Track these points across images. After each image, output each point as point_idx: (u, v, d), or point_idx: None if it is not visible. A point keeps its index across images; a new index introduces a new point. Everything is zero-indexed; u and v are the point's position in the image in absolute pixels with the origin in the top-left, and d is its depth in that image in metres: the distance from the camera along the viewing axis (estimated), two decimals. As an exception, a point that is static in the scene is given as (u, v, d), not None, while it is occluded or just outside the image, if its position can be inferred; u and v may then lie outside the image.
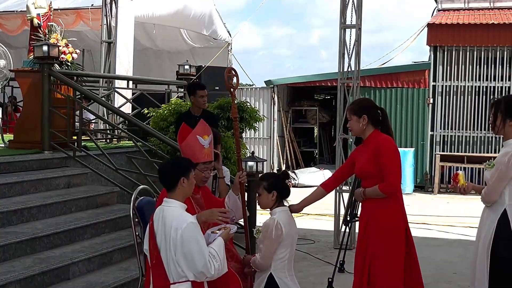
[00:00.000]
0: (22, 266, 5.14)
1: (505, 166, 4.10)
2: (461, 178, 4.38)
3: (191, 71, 10.20)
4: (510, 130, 4.22)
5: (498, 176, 4.11)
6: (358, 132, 4.85)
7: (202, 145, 4.54)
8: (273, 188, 4.42)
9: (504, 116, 4.21)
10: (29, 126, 7.62)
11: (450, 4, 15.85)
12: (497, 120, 4.24)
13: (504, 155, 4.13)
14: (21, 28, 13.44)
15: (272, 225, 4.29)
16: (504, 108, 4.21)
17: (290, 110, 17.08)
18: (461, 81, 14.53)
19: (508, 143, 4.23)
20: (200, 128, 4.61)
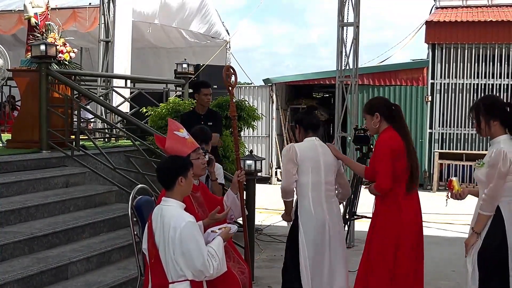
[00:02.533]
0: (21, 265, 5.13)
1: (502, 164, 4.10)
2: (455, 184, 4.39)
3: (190, 69, 10.18)
4: (496, 129, 4.24)
5: (498, 175, 4.11)
6: (373, 130, 4.98)
7: (183, 137, 4.61)
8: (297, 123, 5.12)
9: (486, 117, 4.24)
10: (27, 125, 7.61)
11: (448, 1, 15.86)
12: (481, 123, 4.28)
13: (497, 153, 4.13)
14: (16, 27, 13.41)
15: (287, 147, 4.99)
16: (484, 110, 4.25)
17: (289, 109, 17.07)
18: (459, 78, 14.54)
19: (495, 141, 4.25)
20: (172, 125, 4.72)
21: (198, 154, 4.63)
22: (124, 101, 10.05)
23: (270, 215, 10.73)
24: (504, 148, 4.13)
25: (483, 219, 4.19)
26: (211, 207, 4.61)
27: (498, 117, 4.22)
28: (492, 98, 4.48)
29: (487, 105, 4.28)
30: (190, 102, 8.86)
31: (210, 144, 5.73)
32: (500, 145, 4.17)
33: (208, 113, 7.51)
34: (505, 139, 4.21)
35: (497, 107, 4.26)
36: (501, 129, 4.23)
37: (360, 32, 8.83)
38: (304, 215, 5.03)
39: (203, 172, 4.79)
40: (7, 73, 8.72)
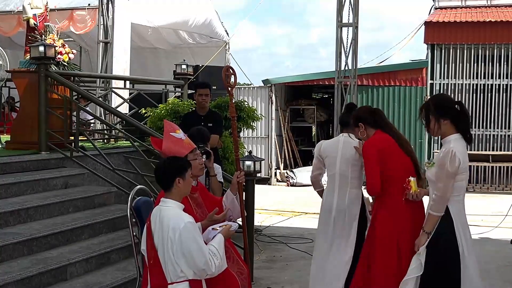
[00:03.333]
0: (20, 267, 5.12)
1: (450, 164, 4.09)
2: (413, 184, 4.39)
3: (189, 70, 10.18)
4: (446, 128, 4.22)
5: (446, 176, 4.11)
6: (365, 140, 4.99)
7: (180, 138, 4.61)
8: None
9: (436, 117, 4.22)
10: (26, 126, 7.60)
11: (447, 2, 15.86)
12: (430, 123, 4.26)
13: (445, 154, 4.12)
14: (16, 29, 13.40)
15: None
16: (434, 109, 4.24)
17: (288, 109, 17.06)
18: (458, 79, 14.54)
19: (446, 141, 4.24)
20: (168, 126, 4.72)
21: (195, 155, 4.63)
22: (123, 102, 10.05)
23: (269, 216, 10.73)
24: (453, 147, 4.12)
25: (433, 219, 4.17)
26: (210, 207, 4.61)
27: (448, 116, 4.20)
28: (442, 96, 4.51)
29: (436, 104, 4.26)
30: (189, 103, 8.86)
31: (208, 145, 5.74)
32: (450, 145, 4.16)
33: (208, 114, 7.51)
34: (456, 138, 4.20)
35: (447, 105, 4.24)
36: (451, 128, 4.21)
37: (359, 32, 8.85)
38: (321, 206, 5.44)
39: (201, 173, 4.79)
40: (6, 74, 8.72)
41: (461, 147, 4.17)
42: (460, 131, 4.22)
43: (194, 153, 4.61)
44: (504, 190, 13.92)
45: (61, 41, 8.03)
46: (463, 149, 4.18)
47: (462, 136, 4.22)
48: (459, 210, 4.21)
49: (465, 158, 4.17)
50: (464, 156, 4.15)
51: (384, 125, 4.94)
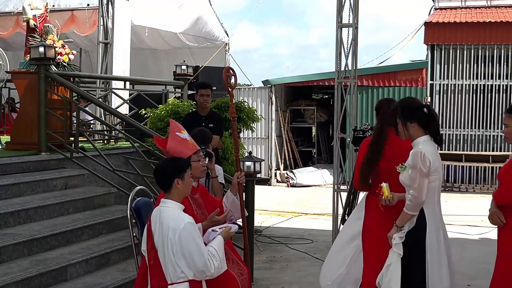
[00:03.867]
0: (19, 268, 5.13)
1: (422, 164, 4.14)
2: (385, 190, 4.40)
3: (188, 71, 10.18)
4: (413, 131, 4.29)
5: (420, 175, 4.15)
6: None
7: (185, 139, 4.61)
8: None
9: (403, 120, 4.29)
10: (26, 127, 7.60)
11: (447, 2, 15.85)
12: (398, 125, 4.34)
13: (415, 155, 4.19)
14: (13, 30, 13.40)
15: None
16: (401, 112, 4.30)
17: (288, 110, 17.07)
18: (458, 79, 14.54)
19: (415, 143, 4.30)
20: (174, 126, 4.72)
21: (199, 157, 4.63)
22: (123, 102, 10.05)
23: (269, 217, 10.73)
24: (422, 149, 4.18)
25: (406, 216, 4.25)
26: (210, 208, 4.61)
27: (416, 118, 4.26)
28: (409, 100, 4.51)
29: (403, 107, 4.33)
30: (189, 103, 8.86)
31: (210, 146, 5.74)
32: (419, 146, 4.22)
33: (209, 114, 7.50)
34: (425, 140, 4.26)
35: (414, 108, 4.31)
36: (420, 131, 4.28)
37: (359, 33, 8.83)
38: None
39: (202, 175, 4.80)
40: (6, 75, 8.72)
41: (431, 148, 4.24)
42: (430, 134, 4.28)
43: (197, 155, 4.61)
44: (504, 191, 13.90)
45: (61, 42, 8.03)
46: (432, 150, 4.25)
47: (431, 138, 4.29)
48: (433, 212, 4.28)
49: (436, 159, 4.22)
50: (434, 157, 4.21)
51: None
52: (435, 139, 4.29)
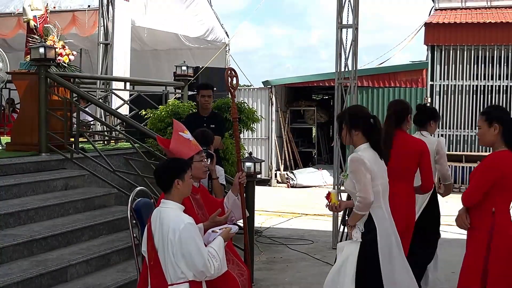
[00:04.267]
0: (20, 268, 5.13)
1: (360, 166, 4.20)
2: (333, 197, 4.44)
3: (189, 72, 10.17)
4: (356, 139, 4.36)
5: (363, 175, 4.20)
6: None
7: (188, 139, 4.62)
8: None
9: (349, 127, 4.35)
10: (26, 128, 7.60)
11: (447, 3, 15.86)
12: (342, 131, 4.40)
13: (351, 159, 4.26)
14: (16, 31, 13.41)
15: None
16: (348, 119, 4.35)
17: (288, 111, 17.07)
18: (458, 80, 14.55)
19: (356, 150, 4.36)
20: (177, 126, 4.74)
21: (201, 157, 4.64)
22: (123, 103, 10.05)
23: (269, 217, 10.73)
24: (360, 154, 4.26)
25: (356, 216, 4.31)
26: (211, 209, 4.62)
27: (360, 128, 4.32)
28: (357, 108, 4.54)
29: (351, 114, 4.38)
30: (190, 104, 8.86)
31: (212, 147, 5.74)
32: (357, 153, 4.30)
33: (211, 115, 7.50)
34: (365, 147, 4.33)
35: (361, 118, 4.36)
36: (362, 139, 4.35)
37: (360, 34, 8.83)
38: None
39: (204, 176, 4.80)
40: (6, 76, 8.72)
41: (369, 154, 4.29)
42: (370, 144, 4.34)
43: (200, 155, 4.62)
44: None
45: (61, 43, 8.03)
46: (371, 156, 4.30)
47: (371, 146, 4.34)
48: (383, 217, 4.32)
49: (374, 164, 4.27)
50: (372, 162, 4.26)
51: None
52: (376, 149, 4.35)
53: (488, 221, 4.33)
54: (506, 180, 4.32)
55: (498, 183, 4.30)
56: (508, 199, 4.45)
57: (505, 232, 4.32)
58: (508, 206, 4.48)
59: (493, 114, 4.45)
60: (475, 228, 4.41)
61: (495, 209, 4.33)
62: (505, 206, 4.42)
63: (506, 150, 4.38)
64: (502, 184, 4.32)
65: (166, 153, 4.91)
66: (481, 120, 4.50)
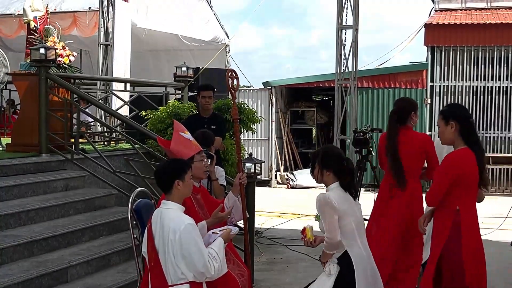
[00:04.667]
0: (20, 269, 5.13)
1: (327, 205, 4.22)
2: (308, 232, 4.43)
3: (189, 73, 10.18)
4: (327, 179, 4.37)
5: (328, 215, 4.22)
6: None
7: (188, 139, 4.63)
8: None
9: (321, 167, 4.37)
10: (27, 129, 7.61)
11: (447, 4, 15.86)
12: (315, 170, 4.42)
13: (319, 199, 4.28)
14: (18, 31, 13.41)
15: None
16: (321, 159, 4.37)
17: (288, 111, 17.07)
18: (458, 81, 14.55)
19: (327, 189, 4.39)
20: (178, 126, 4.76)
21: (201, 157, 4.65)
22: (124, 104, 10.06)
23: (269, 218, 10.74)
24: (328, 194, 4.27)
25: (326, 255, 4.35)
26: (211, 210, 4.62)
27: (332, 168, 4.34)
28: (331, 149, 4.55)
29: (324, 154, 4.40)
30: (190, 105, 8.86)
31: (212, 148, 5.75)
32: (326, 192, 4.33)
33: (212, 116, 7.50)
34: (335, 187, 4.34)
35: (333, 158, 4.37)
36: (334, 178, 4.36)
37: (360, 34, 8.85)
38: None
39: (204, 176, 4.80)
40: (7, 77, 8.73)
41: (338, 193, 4.30)
42: (341, 184, 4.35)
43: (200, 155, 4.63)
44: (504, 192, 13.91)
45: (62, 44, 8.04)
46: (340, 195, 4.30)
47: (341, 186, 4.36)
48: (359, 254, 4.32)
49: (344, 204, 4.27)
50: (340, 201, 4.26)
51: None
52: (349, 191, 4.36)
53: (452, 219, 4.39)
54: (467, 178, 4.38)
55: (460, 181, 4.36)
56: (472, 196, 4.50)
57: (470, 230, 4.38)
58: (473, 204, 4.54)
59: (449, 112, 4.52)
60: (440, 227, 4.47)
61: (460, 207, 4.39)
62: (469, 204, 4.48)
63: (466, 147, 4.43)
64: (464, 182, 4.38)
65: (166, 154, 4.92)
66: (439, 119, 4.58)
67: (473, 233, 4.41)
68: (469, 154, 4.38)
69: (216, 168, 5.65)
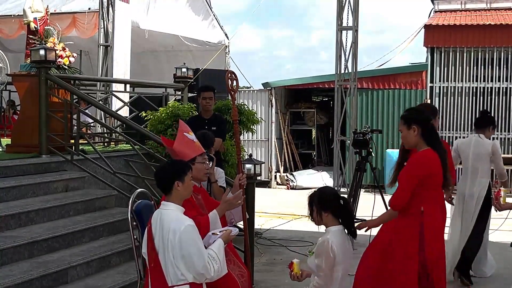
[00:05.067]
0: (20, 270, 5.13)
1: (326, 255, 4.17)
2: (295, 267, 4.41)
3: (189, 74, 10.18)
4: (327, 220, 4.33)
5: (325, 265, 4.18)
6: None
7: (192, 140, 4.63)
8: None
9: (318, 209, 4.35)
10: (27, 130, 7.61)
11: (446, 5, 15.88)
12: (313, 212, 4.40)
13: (321, 244, 4.23)
14: (18, 32, 13.42)
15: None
16: (318, 202, 4.36)
17: (288, 112, 17.08)
18: (458, 82, 14.56)
19: (327, 231, 4.34)
20: (183, 126, 4.73)
21: (203, 159, 4.64)
22: (124, 105, 10.06)
23: (269, 219, 10.74)
24: (330, 238, 4.21)
25: None
26: (211, 210, 4.62)
27: (329, 209, 4.30)
28: (326, 190, 4.53)
29: (320, 196, 4.37)
30: (190, 106, 8.87)
31: (212, 150, 5.75)
32: (327, 235, 4.25)
33: (212, 117, 7.49)
34: (336, 230, 4.28)
35: (329, 199, 4.34)
36: (334, 220, 4.31)
37: (361, 35, 8.87)
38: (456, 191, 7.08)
39: (204, 178, 4.80)
40: (7, 78, 8.73)
41: (339, 240, 4.24)
42: (343, 224, 4.32)
43: (202, 157, 4.63)
44: (504, 193, 13.91)
45: (62, 45, 8.04)
46: (341, 241, 4.24)
47: (344, 228, 4.31)
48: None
49: (341, 252, 4.21)
50: (339, 249, 4.20)
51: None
52: (349, 230, 4.32)
53: (417, 220, 4.42)
54: (433, 178, 4.43)
55: (425, 182, 4.39)
56: (437, 197, 4.54)
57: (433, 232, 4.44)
58: (438, 205, 4.55)
59: (410, 117, 4.58)
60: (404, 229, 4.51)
61: (424, 208, 4.41)
62: (434, 205, 4.51)
63: (429, 148, 4.47)
64: (429, 183, 4.42)
65: (169, 153, 4.92)
66: (400, 124, 4.63)
67: (436, 235, 4.48)
68: (433, 154, 4.45)
69: (216, 169, 5.65)
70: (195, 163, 4.49)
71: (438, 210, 4.56)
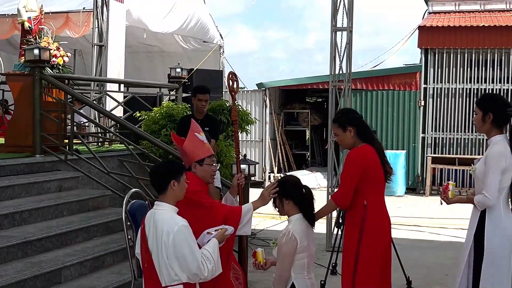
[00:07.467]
0: (14, 270, 5.12)
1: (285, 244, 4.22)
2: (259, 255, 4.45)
3: (183, 74, 10.17)
4: (288, 208, 4.38)
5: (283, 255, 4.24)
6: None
7: (202, 141, 4.62)
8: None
9: (280, 196, 4.40)
10: (20, 129, 7.59)
11: (441, 6, 15.93)
12: (276, 200, 4.46)
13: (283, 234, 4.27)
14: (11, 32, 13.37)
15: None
16: (280, 190, 4.40)
17: (282, 113, 17.10)
18: (452, 83, 14.61)
19: (289, 220, 4.39)
20: (194, 126, 4.71)
21: (211, 161, 4.62)
22: (118, 105, 10.04)
23: (263, 220, 10.74)
24: (291, 228, 4.26)
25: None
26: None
27: (291, 196, 4.35)
28: (289, 179, 4.56)
29: (282, 183, 4.43)
30: (184, 106, 8.86)
31: None
32: (290, 225, 4.31)
33: (206, 118, 7.46)
34: (297, 218, 4.33)
35: (291, 186, 4.39)
36: (294, 208, 4.36)
37: (356, 36, 8.87)
38: None
39: (211, 180, 4.75)
40: (0, 77, 8.71)
41: (301, 227, 4.29)
42: (303, 212, 4.35)
43: (211, 159, 4.60)
44: (497, 194, 13.95)
45: (56, 44, 8.02)
46: (303, 228, 4.30)
47: (303, 216, 4.35)
48: (304, 284, 4.30)
49: (304, 238, 4.26)
50: (303, 236, 4.25)
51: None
52: (308, 218, 4.35)
53: (360, 214, 4.46)
54: (370, 172, 4.46)
55: (365, 175, 4.43)
56: (378, 190, 4.57)
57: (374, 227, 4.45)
58: (381, 198, 4.59)
59: (344, 119, 4.60)
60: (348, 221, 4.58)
61: (367, 202, 4.46)
62: (377, 198, 4.55)
63: (365, 144, 4.53)
64: (368, 176, 4.45)
65: (178, 151, 4.89)
66: (335, 128, 4.65)
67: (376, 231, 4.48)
68: (369, 148, 4.50)
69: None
70: (203, 164, 4.48)
71: (382, 202, 4.60)
